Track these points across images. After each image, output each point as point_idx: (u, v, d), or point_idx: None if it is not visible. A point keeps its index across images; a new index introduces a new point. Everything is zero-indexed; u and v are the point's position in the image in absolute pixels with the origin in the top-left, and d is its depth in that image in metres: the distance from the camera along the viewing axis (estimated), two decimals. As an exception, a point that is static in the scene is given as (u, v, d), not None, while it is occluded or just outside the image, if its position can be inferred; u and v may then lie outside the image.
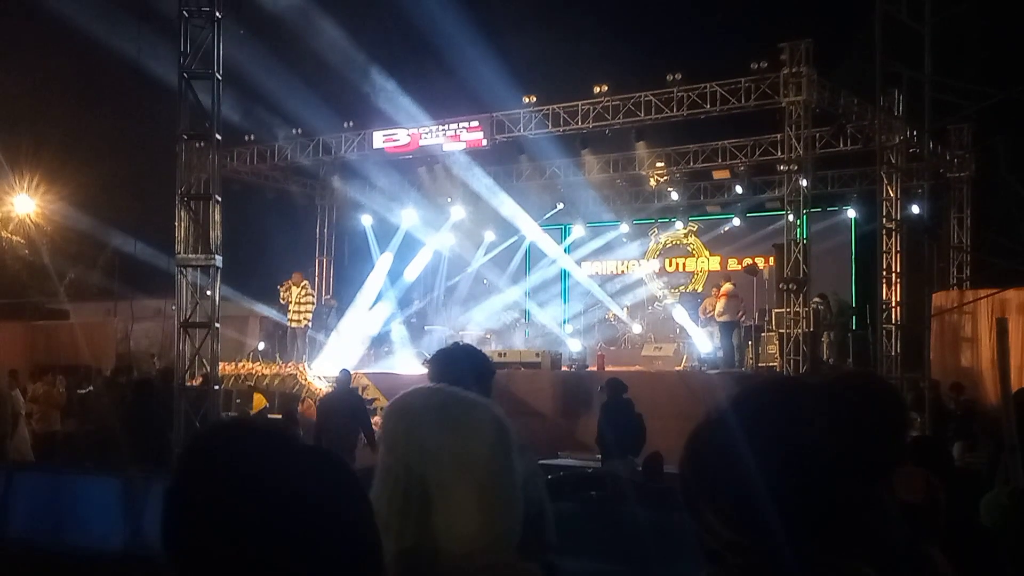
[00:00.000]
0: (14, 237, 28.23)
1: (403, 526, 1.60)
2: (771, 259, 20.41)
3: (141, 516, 8.32)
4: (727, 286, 18.85)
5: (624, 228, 25.41)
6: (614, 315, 24.59)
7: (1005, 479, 5.23)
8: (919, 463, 3.09)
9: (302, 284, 20.90)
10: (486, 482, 1.65)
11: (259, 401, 18.60)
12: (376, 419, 12.59)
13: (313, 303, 21.53)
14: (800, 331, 16.60)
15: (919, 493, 3.03)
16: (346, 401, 12.99)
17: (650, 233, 25.95)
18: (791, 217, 17.12)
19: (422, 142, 20.93)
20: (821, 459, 1.17)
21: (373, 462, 1.75)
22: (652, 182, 23.72)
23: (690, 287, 25.25)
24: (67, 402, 17.07)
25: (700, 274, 25.44)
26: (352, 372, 14.97)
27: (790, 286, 16.88)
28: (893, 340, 17.69)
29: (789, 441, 1.18)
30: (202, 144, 14.07)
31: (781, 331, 17.12)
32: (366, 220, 25.49)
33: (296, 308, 20.77)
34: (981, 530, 3.51)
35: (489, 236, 26.28)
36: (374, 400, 16.82)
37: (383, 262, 24.96)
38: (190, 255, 13.70)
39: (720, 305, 18.49)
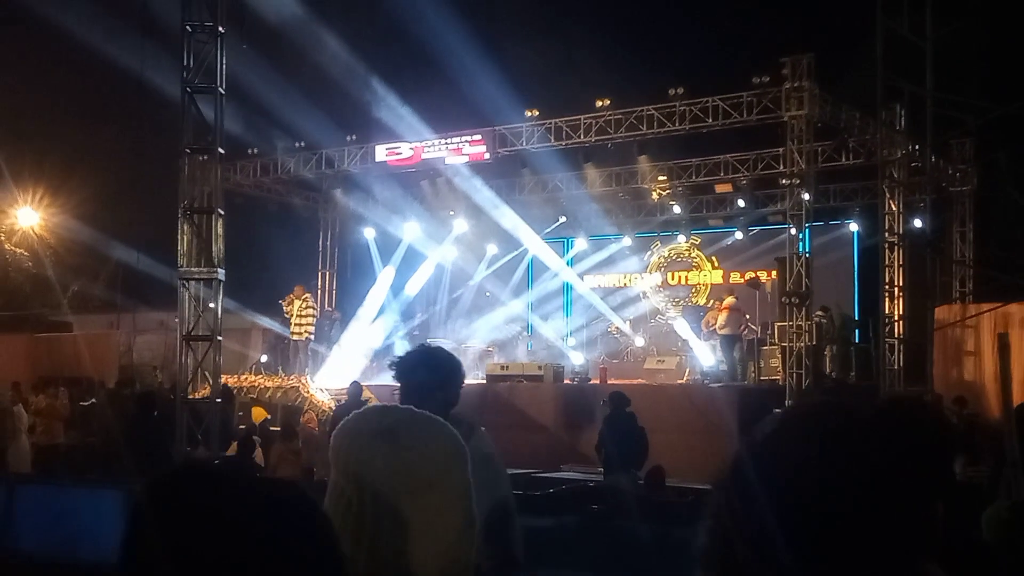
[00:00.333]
0: (18, 249, 28.31)
1: (356, 552, 1.55)
2: (773, 272, 20.42)
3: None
4: (729, 299, 18.88)
5: (626, 241, 25.36)
6: (616, 328, 24.58)
7: (1007, 493, 5.22)
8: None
9: (303, 297, 20.95)
10: (438, 506, 1.62)
11: (259, 414, 18.58)
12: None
13: (314, 316, 21.53)
14: (802, 344, 16.58)
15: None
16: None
17: (652, 246, 25.94)
18: (793, 231, 17.11)
19: (425, 155, 20.94)
20: (863, 491, 1.17)
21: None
22: (654, 196, 23.70)
23: (693, 300, 25.22)
24: (70, 414, 17.08)
25: (703, 287, 25.42)
26: (357, 384, 14.95)
27: (792, 299, 16.87)
28: (896, 354, 17.67)
29: (833, 472, 1.17)
30: (205, 157, 14.11)
31: (783, 344, 17.11)
32: (369, 233, 25.48)
33: (297, 321, 20.84)
34: (982, 545, 3.51)
35: (491, 249, 26.26)
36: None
37: (385, 275, 24.96)
38: (193, 268, 13.73)
39: (722, 318, 18.52)
